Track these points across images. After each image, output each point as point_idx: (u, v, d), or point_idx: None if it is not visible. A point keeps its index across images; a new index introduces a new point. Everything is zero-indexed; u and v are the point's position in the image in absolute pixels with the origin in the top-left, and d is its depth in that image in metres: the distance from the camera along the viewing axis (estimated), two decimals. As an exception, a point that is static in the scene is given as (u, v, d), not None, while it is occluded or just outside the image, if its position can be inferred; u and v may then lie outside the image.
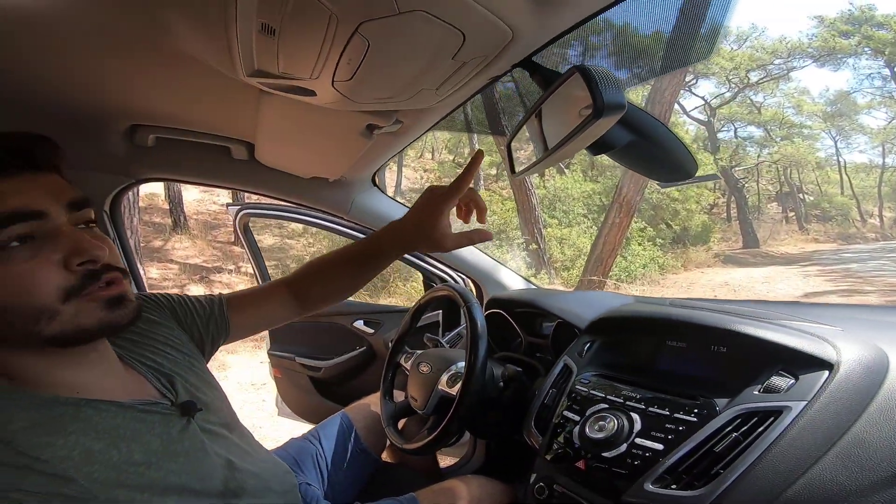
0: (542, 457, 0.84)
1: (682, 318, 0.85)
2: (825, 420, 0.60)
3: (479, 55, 0.57)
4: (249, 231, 1.96)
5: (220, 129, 1.05)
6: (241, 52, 0.59)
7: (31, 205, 0.53)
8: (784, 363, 0.68)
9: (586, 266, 7.88)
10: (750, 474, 0.60)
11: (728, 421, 0.65)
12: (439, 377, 1.09)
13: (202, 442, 0.66)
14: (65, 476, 0.49)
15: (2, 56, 0.70)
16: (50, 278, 0.53)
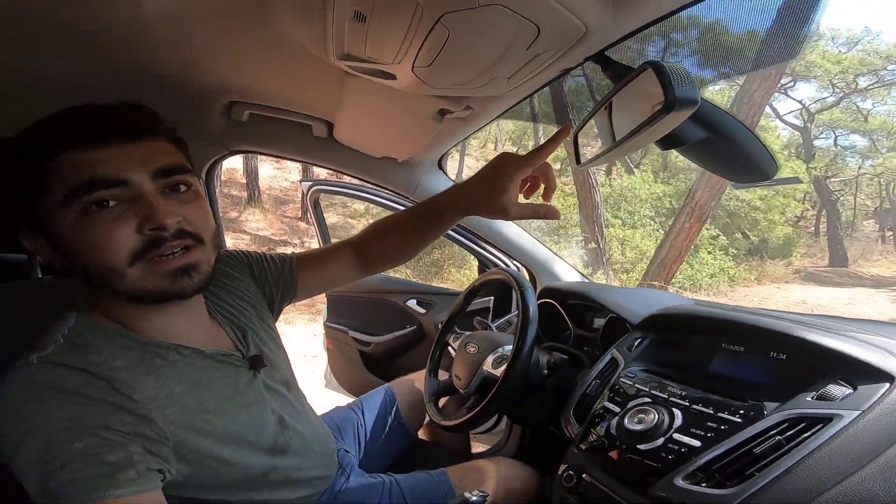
0: (577, 446, 0.86)
1: (742, 321, 0.84)
2: (875, 431, 0.59)
3: (552, 48, 0.60)
4: (319, 206, 2.09)
5: (305, 108, 1.14)
6: (334, 37, 0.65)
7: (115, 173, 0.57)
8: (843, 373, 0.66)
9: (648, 270, 7.58)
10: (784, 478, 0.60)
11: (774, 424, 0.64)
12: (485, 358, 1.12)
13: (263, 397, 0.74)
14: (147, 417, 0.58)
15: (133, 34, 0.81)
16: (122, 241, 0.58)
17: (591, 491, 0.80)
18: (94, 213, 0.57)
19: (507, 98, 0.85)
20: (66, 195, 0.56)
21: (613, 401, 0.86)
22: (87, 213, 0.57)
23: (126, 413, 0.56)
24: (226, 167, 9.80)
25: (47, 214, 0.58)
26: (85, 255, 0.58)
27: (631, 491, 0.73)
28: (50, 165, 0.57)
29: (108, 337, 0.61)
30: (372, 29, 0.60)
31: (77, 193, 0.56)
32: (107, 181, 0.57)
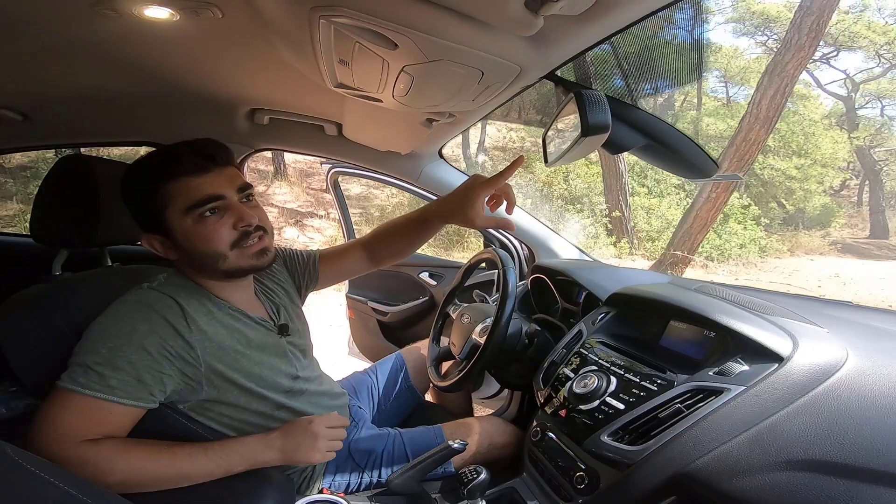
0: (542, 408, 1.03)
1: (681, 304, 0.96)
2: (752, 405, 0.69)
3: (499, 82, 0.73)
4: (339, 186, 2.25)
5: (316, 113, 1.31)
6: (327, 72, 0.81)
7: (215, 192, 0.83)
8: (744, 351, 0.78)
9: (672, 240, 7.50)
10: (676, 440, 0.72)
11: (680, 394, 0.77)
12: (474, 327, 1.28)
13: (285, 353, 0.98)
14: (192, 346, 0.81)
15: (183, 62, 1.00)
16: (224, 235, 0.85)
17: (551, 444, 0.98)
18: (206, 219, 0.83)
19: (483, 108, 0.98)
20: (186, 209, 0.82)
21: (571, 367, 1.02)
22: (202, 218, 0.83)
23: (181, 339, 0.80)
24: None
25: (170, 222, 0.83)
26: (199, 246, 0.85)
27: (574, 443, 0.90)
28: (168, 189, 0.82)
29: (191, 287, 0.89)
30: (355, 70, 0.74)
31: (194, 207, 0.82)
32: (212, 198, 0.83)
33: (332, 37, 0.64)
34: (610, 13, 0.56)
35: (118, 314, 0.78)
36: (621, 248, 8.21)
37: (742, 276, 8.16)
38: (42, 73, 1.07)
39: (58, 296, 0.83)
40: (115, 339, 0.75)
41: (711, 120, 10.12)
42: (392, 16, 0.56)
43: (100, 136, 1.65)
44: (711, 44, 10.06)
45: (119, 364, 0.73)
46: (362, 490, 1.08)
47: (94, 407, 0.72)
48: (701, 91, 10.07)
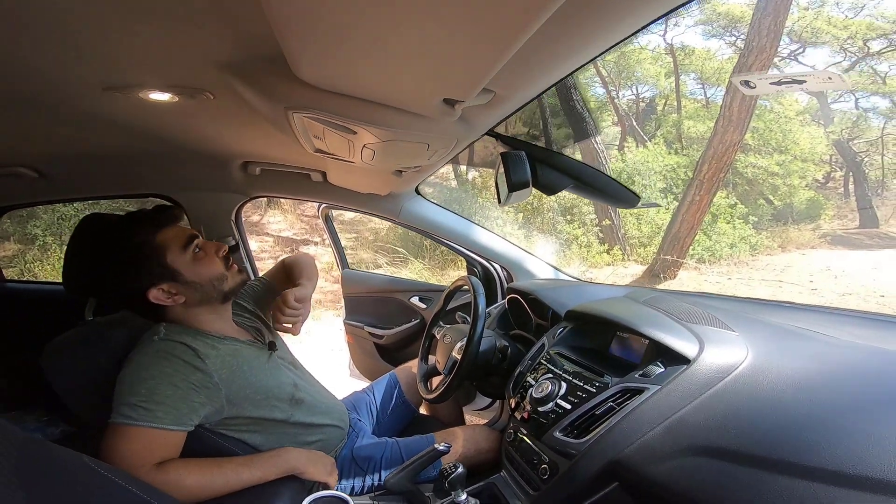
0: (513, 413, 1.18)
1: (621, 318, 1.11)
2: (666, 401, 0.82)
3: (445, 147, 0.90)
4: (330, 220, 2.42)
5: (302, 164, 1.49)
6: (305, 144, 0.98)
7: (193, 234, 1.04)
8: (663, 356, 0.93)
9: (662, 245, 7.66)
10: (609, 433, 0.85)
11: (612, 394, 0.92)
12: (454, 345, 1.42)
13: (279, 367, 1.17)
14: (210, 376, 0.98)
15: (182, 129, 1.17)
16: (216, 261, 1.06)
17: (521, 443, 1.12)
18: (198, 254, 1.04)
19: (440, 162, 1.15)
20: (182, 247, 1.01)
21: (534, 376, 1.17)
22: (195, 254, 1.03)
23: (199, 373, 0.97)
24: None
25: (175, 264, 1.00)
26: (205, 274, 1.04)
27: (537, 440, 1.04)
28: (160, 237, 1.00)
29: (189, 331, 1.03)
30: (328, 144, 0.92)
31: (187, 244, 1.02)
32: (194, 236, 1.04)
33: (305, 124, 0.82)
34: (510, 99, 0.73)
35: (143, 364, 0.94)
36: (615, 256, 8.36)
37: (735, 276, 8.27)
38: (56, 137, 1.23)
39: (96, 337, 1.00)
40: (148, 382, 0.91)
41: (692, 122, 10.35)
42: (347, 113, 0.73)
43: (109, 190, 1.82)
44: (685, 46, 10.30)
45: (158, 399, 0.90)
46: (365, 492, 1.23)
47: (148, 436, 0.89)
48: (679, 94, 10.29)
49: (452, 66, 0.57)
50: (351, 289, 2.35)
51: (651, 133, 10.88)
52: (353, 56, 0.56)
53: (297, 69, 0.64)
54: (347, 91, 0.69)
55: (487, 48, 0.50)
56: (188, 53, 0.73)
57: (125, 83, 0.85)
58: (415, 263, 7.63)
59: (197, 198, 1.73)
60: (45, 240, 6.42)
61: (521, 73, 0.65)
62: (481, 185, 9.75)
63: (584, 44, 0.60)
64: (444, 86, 0.63)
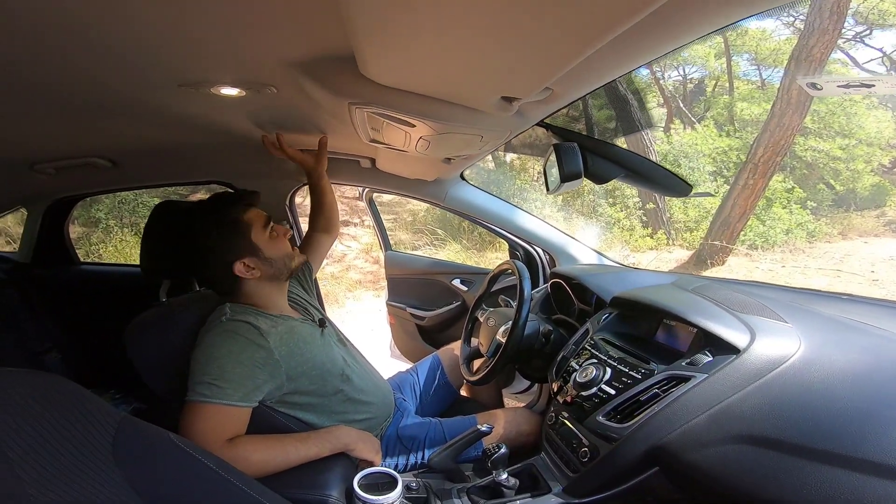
0: (555, 396, 1.21)
1: (668, 306, 1.12)
2: (712, 390, 0.83)
3: (496, 137, 0.93)
4: (373, 202, 2.49)
5: (353, 151, 1.55)
6: (362, 134, 1.03)
7: (267, 216, 1.17)
8: (712, 345, 0.94)
9: (710, 230, 7.38)
10: (653, 419, 0.88)
11: (658, 381, 0.94)
12: (498, 329, 1.46)
13: (331, 343, 1.25)
14: (272, 353, 1.06)
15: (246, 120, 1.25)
16: (286, 241, 1.18)
17: (562, 427, 1.16)
18: (273, 232, 1.16)
19: (489, 150, 1.18)
20: (263, 227, 1.14)
21: (578, 361, 1.20)
22: (272, 233, 1.16)
23: (263, 350, 1.05)
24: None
25: (257, 241, 1.12)
26: (278, 252, 1.15)
27: (579, 424, 1.08)
28: (248, 216, 1.13)
29: (251, 310, 1.12)
30: (384, 135, 0.96)
31: (266, 224, 1.15)
32: (270, 219, 1.18)
33: (366, 118, 0.86)
34: (565, 96, 0.75)
35: (213, 343, 1.03)
36: (658, 240, 8.12)
37: (789, 264, 7.88)
38: (130, 130, 1.33)
39: (170, 317, 1.10)
40: (218, 360, 0.99)
41: (746, 104, 9.77)
42: (408, 109, 0.77)
43: (176, 177, 1.95)
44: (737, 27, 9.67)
45: (227, 377, 0.98)
46: (408, 470, 1.29)
47: (220, 412, 0.97)
48: (731, 75, 9.72)
49: (517, 68, 0.59)
50: (394, 270, 2.42)
51: (700, 115, 10.37)
52: (421, 56, 0.60)
53: (365, 67, 0.68)
54: (410, 88, 0.73)
55: (558, 52, 0.52)
56: (258, 50, 0.78)
57: (198, 80, 0.91)
58: (453, 245, 7.69)
59: (254, 184, 1.82)
60: (108, 223, 6.85)
61: (580, 72, 0.66)
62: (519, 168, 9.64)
63: (651, 45, 0.61)
64: (505, 85, 0.66)
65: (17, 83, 0.87)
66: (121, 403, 1.88)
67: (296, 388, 1.11)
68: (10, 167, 1.62)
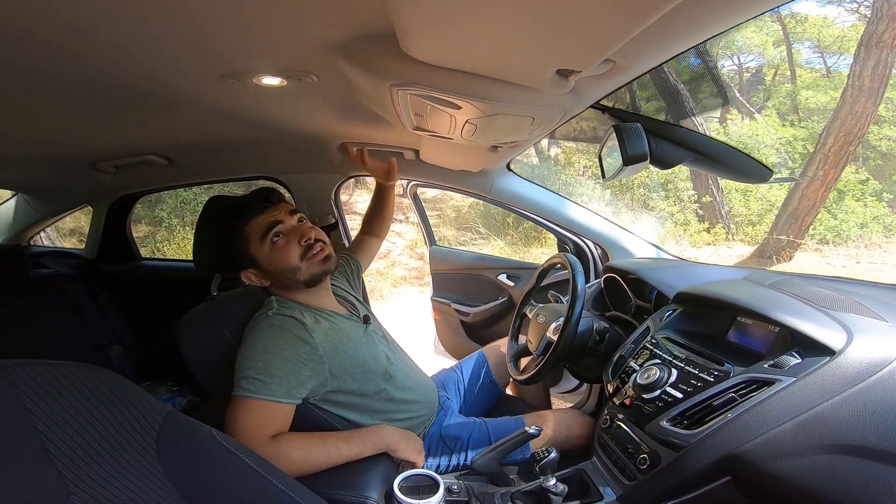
0: (611, 398, 1.12)
1: (744, 302, 1.00)
2: (802, 395, 0.75)
3: (548, 121, 0.86)
4: (418, 198, 2.46)
5: (396, 143, 1.52)
6: (406, 121, 0.98)
7: (276, 219, 1.10)
8: (800, 345, 0.83)
9: (775, 223, 6.91)
10: (728, 426, 0.79)
11: (735, 384, 0.84)
12: (549, 326, 1.38)
13: (375, 340, 1.21)
14: (316, 349, 1.04)
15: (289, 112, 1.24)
16: (293, 251, 1.09)
17: (618, 430, 1.08)
18: (276, 243, 1.09)
19: (540, 136, 1.10)
20: (261, 238, 1.08)
21: (638, 361, 1.11)
22: (273, 243, 1.09)
23: (307, 346, 1.03)
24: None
25: (255, 254, 1.07)
26: (279, 265, 1.09)
27: (638, 429, 0.99)
28: (249, 226, 1.09)
29: (295, 306, 1.11)
30: (428, 121, 0.91)
31: (265, 235, 1.08)
32: (274, 223, 1.09)
33: (409, 101, 0.82)
34: (629, 69, 0.67)
35: (259, 338, 1.02)
36: (716, 235, 7.68)
37: (865, 260, 7.24)
38: (180, 126, 1.37)
39: (220, 312, 1.11)
40: (264, 355, 0.99)
41: (811, 93, 9.06)
42: (453, 88, 0.72)
43: (224, 173, 2.00)
44: (795, 14, 9.05)
45: (273, 372, 0.97)
46: (450, 471, 1.25)
47: (264, 408, 0.96)
48: (793, 63, 9.06)
49: (575, 35, 0.52)
50: (438, 265, 2.38)
51: (759, 104, 9.71)
52: (467, 28, 0.54)
53: (407, 45, 0.64)
54: (455, 65, 0.68)
55: (623, 14, 0.45)
56: (298, 36, 0.76)
57: (240, 70, 0.91)
58: (497, 241, 7.59)
59: (300, 179, 1.84)
60: (171, 222, 7.27)
61: (647, 40, 0.58)
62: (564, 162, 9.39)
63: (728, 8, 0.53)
64: (561, 56, 0.59)
65: (74, 83, 0.90)
66: (177, 396, 1.95)
67: (339, 386, 1.09)
68: (75, 166, 1.71)
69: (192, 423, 0.69)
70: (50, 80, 0.89)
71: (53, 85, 0.91)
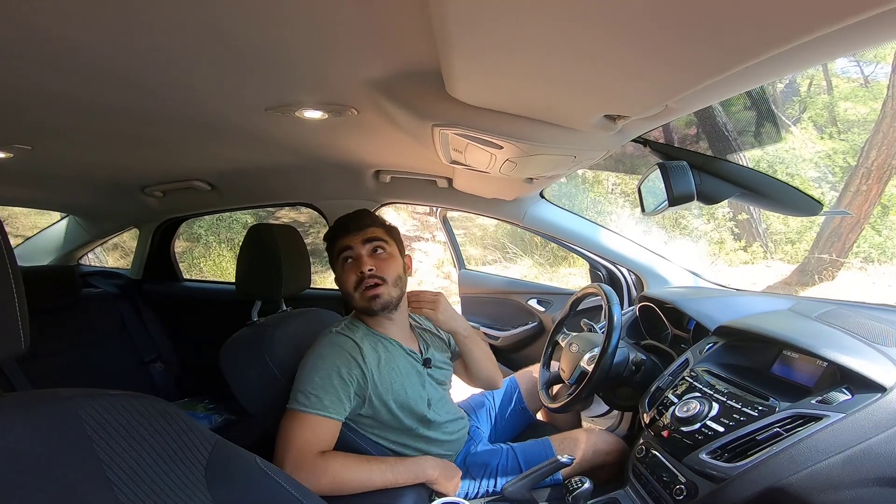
0: (648, 428, 1.10)
1: (790, 338, 0.98)
2: (851, 431, 0.74)
3: (589, 158, 0.86)
4: (447, 221, 2.48)
5: (429, 171, 1.55)
6: (443, 156, 1.01)
7: (348, 244, 1.15)
8: (850, 382, 0.81)
9: (816, 241, 6.64)
10: (772, 459, 0.78)
11: (780, 419, 0.82)
12: (583, 356, 1.38)
13: (425, 383, 1.21)
14: (365, 373, 1.07)
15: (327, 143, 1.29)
16: (351, 278, 1.14)
17: (654, 460, 1.06)
18: (345, 265, 1.15)
19: (578, 169, 1.11)
20: (336, 257, 1.17)
21: (676, 393, 1.08)
22: (343, 264, 1.15)
23: (358, 369, 1.07)
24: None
25: (334, 268, 1.18)
26: (342, 286, 1.16)
27: (675, 460, 0.97)
28: (336, 244, 1.17)
29: (362, 327, 1.17)
30: (467, 157, 0.93)
31: (338, 255, 1.16)
32: (344, 248, 1.15)
33: (449, 140, 0.84)
34: (678, 111, 0.67)
35: (321, 354, 1.07)
36: (753, 254, 7.43)
37: (916, 280, 6.86)
38: (223, 154, 1.44)
39: (261, 337, 1.15)
40: (322, 371, 1.03)
41: (849, 104, 8.75)
42: (496, 130, 0.74)
43: (264, 199, 2.08)
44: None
45: (327, 389, 1.01)
46: (479, 497, 1.24)
47: (316, 423, 1.00)
48: (829, 74, 8.78)
49: (631, 85, 0.53)
50: (467, 289, 2.38)
51: (795, 117, 9.44)
52: (517, 74, 0.56)
53: (453, 88, 0.66)
54: (500, 108, 0.70)
55: (690, 71, 0.46)
56: (341, 73, 0.79)
57: (284, 103, 0.95)
58: (525, 260, 7.54)
59: (335, 205, 1.89)
60: (208, 238, 7.54)
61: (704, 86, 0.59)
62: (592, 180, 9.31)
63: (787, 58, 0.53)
64: (614, 103, 0.60)
65: (134, 112, 0.96)
66: (213, 414, 1.99)
67: (372, 413, 1.12)
68: (126, 190, 1.81)
69: (238, 451, 0.71)
70: (111, 110, 0.95)
71: (114, 114, 0.98)
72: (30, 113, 0.97)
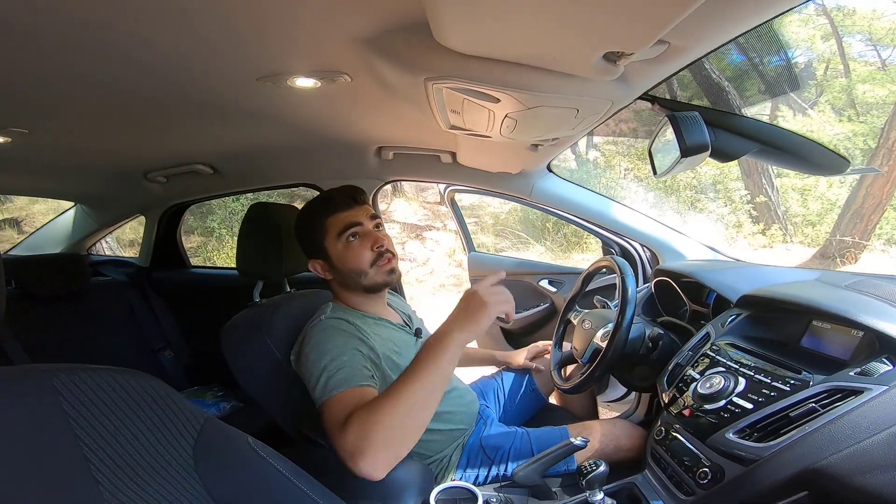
0: (667, 408, 1.04)
1: (822, 305, 0.91)
2: (894, 405, 0.67)
3: (594, 114, 0.80)
4: (455, 203, 2.43)
5: (432, 145, 1.49)
6: (441, 120, 0.95)
7: (356, 221, 1.10)
8: (891, 351, 0.74)
9: (838, 223, 6.45)
10: (808, 438, 0.72)
11: (816, 393, 0.76)
12: (596, 332, 1.31)
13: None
14: (373, 348, 1.03)
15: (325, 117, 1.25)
16: (365, 255, 1.09)
17: (674, 442, 1.00)
18: (351, 243, 1.10)
19: (583, 131, 1.04)
20: (338, 234, 1.09)
21: (698, 369, 1.02)
22: (349, 242, 1.10)
23: (364, 344, 1.03)
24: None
25: (328, 248, 1.11)
26: (348, 264, 1.10)
27: (698, 441, 0.91)
28: (327, 222, 1.11)
29: (350, 311, 1.12)
30: (465, 118, 0.87)
31: (342, 232, 1.09)
32: (354, 224, 1.10)
33: (444, 96, 0.78)
34: (684, 52, 0.60)
35: (318, 340, 1.01)
36: (772, 237, 7.24)
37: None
38: (223, 133, 1.40)
39: (262, 318, 1.11)
40: (328, 354, 0.96)
41: (868, 86, 8.45)
42: (491, 79, 0.68)
43: (266, 181, 2.04)
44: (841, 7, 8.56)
45: (340, 365, 0.94)
46: (490, 482, 1.19)
47: (351, 395, 0.88)
48: (845, 57, 8.51)
49: (625, 11, 0.47)
50: (477, 272, 2.32)
51: (811, 100, 9.14)
52: (506, 13, 0.51)
53: (441, 35, 0.60)
54: (493, 54, 0.64)
55: None
56: (328, 33, 0.75)
57: (275, 72, 0.91)
58: (536, 247, 7.45)
59: (338, 184, 1.84)
60: (221, 232, 7.60)
61: (707, 17, 0.52)
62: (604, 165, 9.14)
63: None
64: (610, 37, 0.54)
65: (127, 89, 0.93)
66: (221, 402, 1.98)
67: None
68: (129, 177, 1.79)
69: (229, 430, 0.68)
70: (102, 86, 0.93)
71: (105, 90, 0.96)
72: (23, 93, 0.96)
